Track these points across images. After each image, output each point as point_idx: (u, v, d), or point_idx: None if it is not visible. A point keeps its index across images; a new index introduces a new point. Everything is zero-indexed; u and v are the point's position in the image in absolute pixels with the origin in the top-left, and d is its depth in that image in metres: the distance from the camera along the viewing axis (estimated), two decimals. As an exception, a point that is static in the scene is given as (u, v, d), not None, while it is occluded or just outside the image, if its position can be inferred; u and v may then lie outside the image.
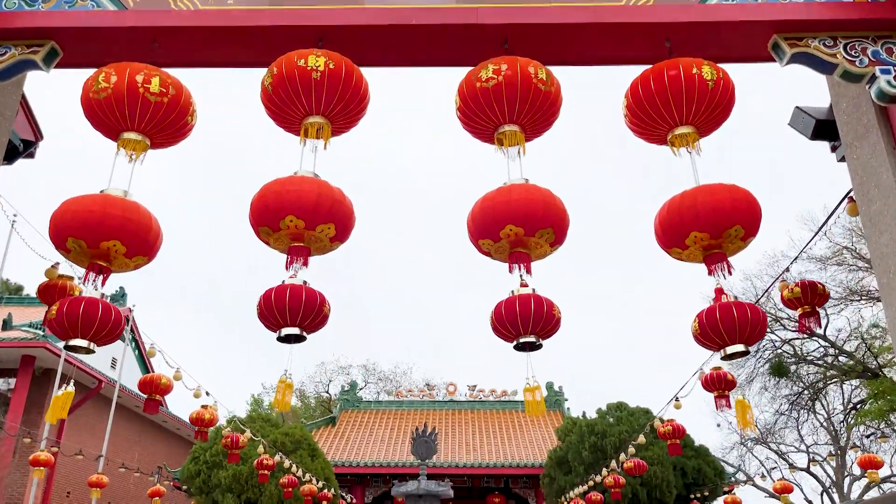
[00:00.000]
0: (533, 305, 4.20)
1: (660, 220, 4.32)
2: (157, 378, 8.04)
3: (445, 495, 6.69)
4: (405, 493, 6.66)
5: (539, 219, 4.21)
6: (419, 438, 6.93)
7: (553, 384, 28.45)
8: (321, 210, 4.29)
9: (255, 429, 18.93)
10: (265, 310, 4.30)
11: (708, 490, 17.90)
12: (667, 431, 9.93)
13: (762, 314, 4.23)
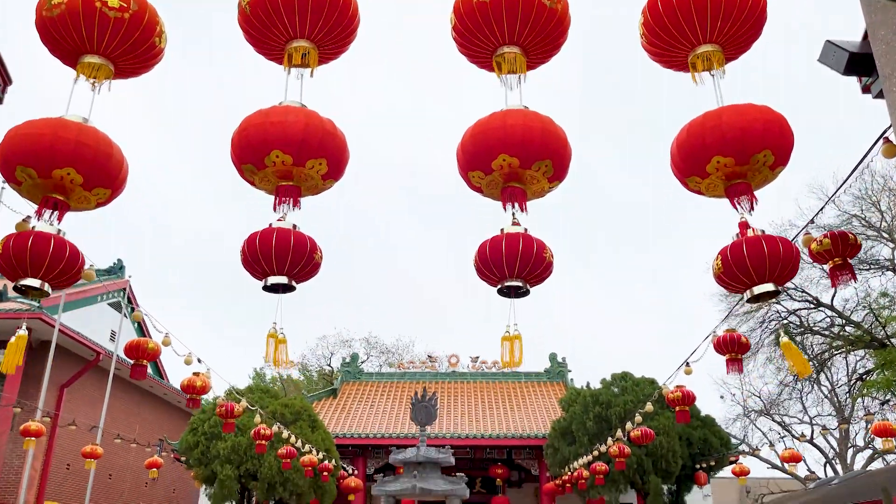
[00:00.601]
0: (521, 245, 3.72)
1: (678, 144, 3.81)
2: (144, 343, 7.67)
3: (446, 462, 6.35)
4: (404, 460, 6.32)
5: (536, 149, 3.71)
6: (418, 404, 6.57)
7: (556, 355, 28.17)
8: (310, 143, 3.82)
9: (255, 400, 18.66)
10: (249, 256, 3.84)
11: (714, 460, 17.63)
12: (676, 398, 9.56)
13: (795, 249, 3.76)
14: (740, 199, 3.79)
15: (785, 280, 3.83)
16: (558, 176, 3.86)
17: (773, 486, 36.84)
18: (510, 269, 3.72)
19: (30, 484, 22.31)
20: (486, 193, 3.98)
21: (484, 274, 3.86)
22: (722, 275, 3.80)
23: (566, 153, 3.83)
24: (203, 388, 9.32)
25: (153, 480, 30.67)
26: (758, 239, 3.72)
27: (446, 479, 6.46)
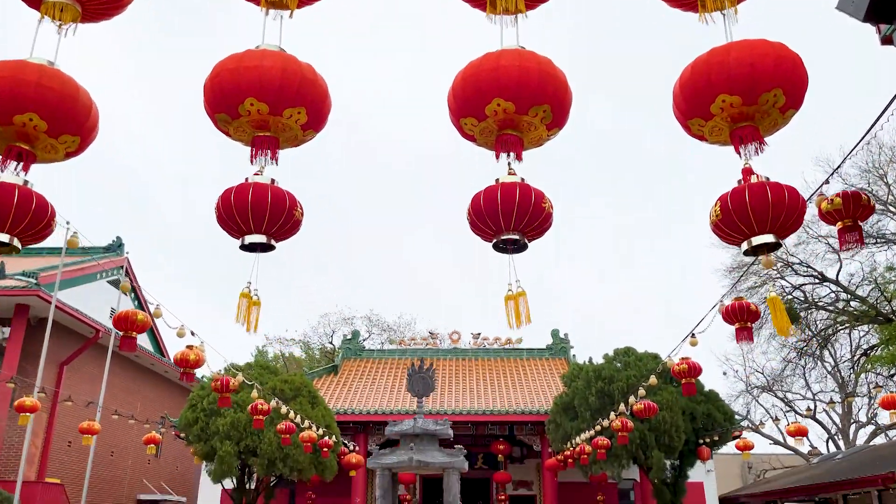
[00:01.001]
0: (518, 195, 3.43)
1: (681, 83, 3.50)
2: (133, 314, 7.43)
3: (444, 435, 6.13)
4: (400, 432, 6.10)
5: (533, 92, 3.41)
6: (415, 375, 6.34)
7: (558, 331, 27.98)
8: (288, 91, 3.53)
9: (254, 376, 18.51)
10: (224, 213, 3.57)
11: (717, 435, 17.47)
12: (682, 370, 9.32)
13: (802, 199, 3.47)
14: (746, 144, 3.50)
15: (787, 232, 3.55)
16: (557, 122, 3.58)
17: (774, 461, 36.88)
18: (506, 222, 3.45)
19: (30, 461, 22.30)
20: (480, 142, 3.70)
21: (478, 228, 3.59)
22: (720, 223, 3.52)
23: (566, 98, 3.54)
24: (197, 361, 9.11)
25: (155, 457, 30.75)
26: (762, 185, 3.44)
27: (444, 451, 6.26)
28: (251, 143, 3.65)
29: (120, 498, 28.07)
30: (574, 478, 24.31)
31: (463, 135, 3.71)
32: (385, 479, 6.17)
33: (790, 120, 3.55)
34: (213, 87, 3.56)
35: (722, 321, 7.98)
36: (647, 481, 19.44)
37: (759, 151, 3.51)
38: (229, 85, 3.52)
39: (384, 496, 6.06)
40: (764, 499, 22.80)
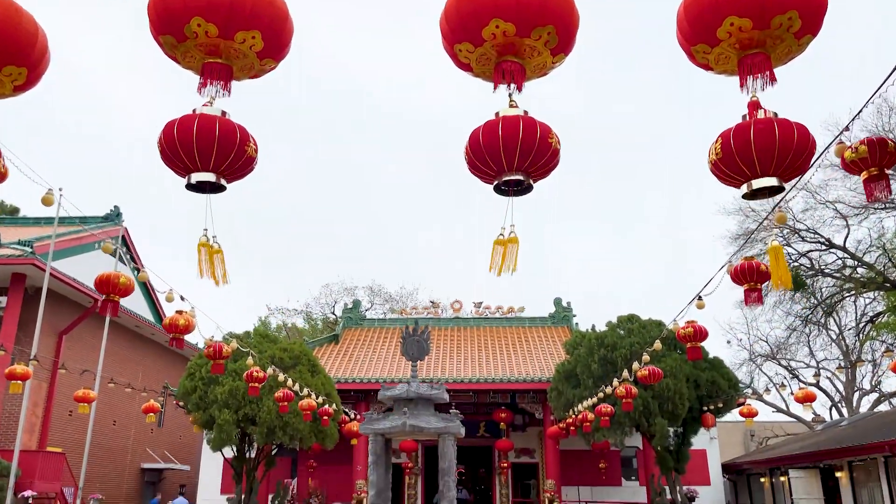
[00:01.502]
0: (521, 130, 3.03)
1: (685, 5, 3.07)
2: (115, 276, 7.11)
3: (439, 399, 5.85)
4: (394, 396, 5.83)
5: (536, 11, 2.98)
6: (410, 338, 6.05)
7: (561, 300, 27.72)
8: (240, 11, 3.09)
9: (252, 344, 18.30)
10: (168, 148, 3.16)
11: (721, 402, 17.26)
12: (687, 334, 8.99)
13: (812, 140, 3.08)
14: (754, 75, 3.11)
15: (792, 175, 3.17)
16: (563, 47, 3.19)
17: (777, 429, 36.88)
18: (509, 160, 3.07)
19: (31, 430, 22.27)
20: (477, 72, 3.31)
21: (478, 168, 3.20)
22: (719, 162, 3.14)
23: (573, 18, 3.14)
24: (187, 326, 8.83)
25: (158, 427, 30.78)
26: (769, 122, 3.04)
27: (440, 416, 5.98)
28: (200, 70, 3.25)
29: (123, 467, 28.17)
30: (576, 445, 24.24)
31: (458, 63, 3.32)
32: (378, 444, 5.91)
33: (806, 47, 3.15)
34: (157, 5, 3.16)
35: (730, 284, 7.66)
36: (650, 448, 19.30)
37: (769, 84, 3.12)
38: (174, 2, 3.12)
39: (377, 462, 5.80)
40: (768, 465, 22.73)
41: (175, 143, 3.10)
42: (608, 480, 24.91)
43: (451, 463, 5.84)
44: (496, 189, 3.22)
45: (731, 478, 27.04)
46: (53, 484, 21.21)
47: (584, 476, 24.70)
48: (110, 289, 7.18)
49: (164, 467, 30.27)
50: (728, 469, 26.65)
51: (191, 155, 3.10)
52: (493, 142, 3.08)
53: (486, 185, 3.24)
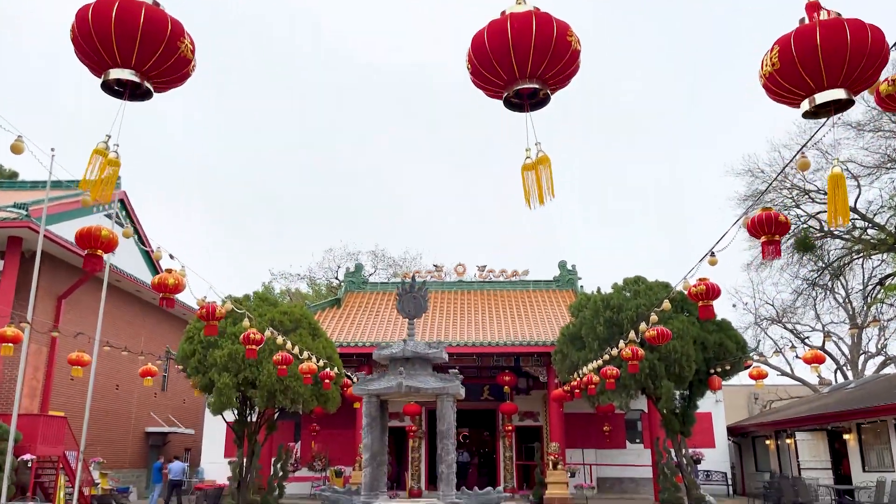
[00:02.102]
0: (535, 28, 2.49)
1: None
2: (96, 230, 6.71)
3: (437, 358, 5.51)
4: (389, 355, 5.49)
5: None
6: (405, 295, 5.68)
7: (566, 263, 27.34)
8: None
9: (252, 307, 18.02)
10: (81, 38, 2.61)
11: (729, 364, 16.96)
12: (699, 291, 8.57)
13: (886, 45, 2.60)
14: None
15: (861, 86, 2.67)
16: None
17: (781, 392, 36.82)
18: (521, 65, 2.55)
19: (32, 394, 22.19)
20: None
21: (483, 78, 2.66)
22: (775, 75, 2.62)
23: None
24: (176, 286, 8.48)
25: (162, 391, 30.79)
26: (838, 22, 2.54)
27: (438, 376, 5.63)
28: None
29: (127, 431, 28.21)
30: (580, 408, 24.11)
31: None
32: (372, 406, 5.57)
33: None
34: None
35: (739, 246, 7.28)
36: (656, 411, 19.09)
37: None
38: None
39: (371, 424, 5.48)
40: (774, 428, 22.57)
41: (90, 32, 2.56)
42: (612, 443, 24.84)
43: (450, 425, 5.50)
44: (507, 103, 2.71)
45: (735, 440, 26.96)
46: (56, 448, 21.17)
47: (589, 439, 24.63)
48: (92, 243, 6.81)
49: (168, 431, 30.32)
50: (733, 432, 26.54)
51: (108, 47, 2.57)
52: (502, 44, 2.54)
53: (495, 100, 2.74)
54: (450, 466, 5.45)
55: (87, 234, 6.70)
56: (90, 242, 6.77)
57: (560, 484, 20.05)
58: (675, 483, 16.77)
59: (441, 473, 5.48)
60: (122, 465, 27.75)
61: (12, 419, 16.12)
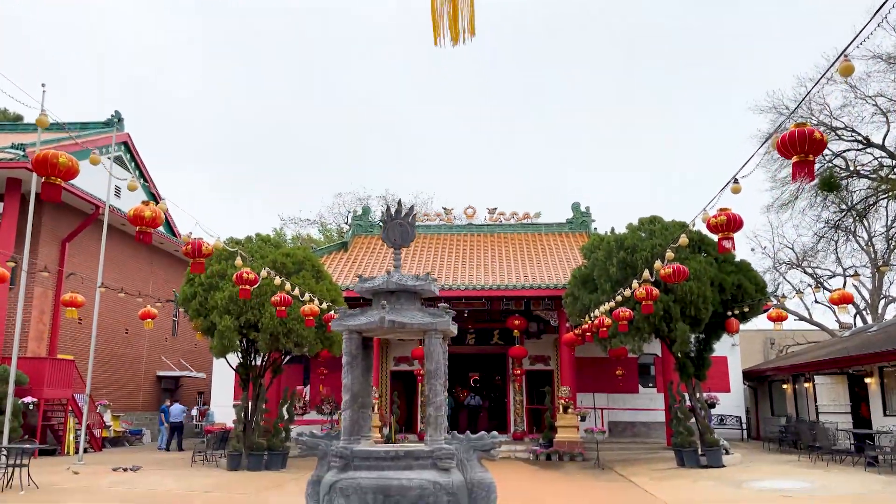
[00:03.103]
0: None
1: None
2: (53, 157, 6.02)
3: (426, 291, 4.91)
4: (372, 288, 4.89)
5: None
6: (391, 221, 5.03)
7: (579, 204, 26.51)
8: None
9: (254, 249, 17.52)
10: None
11: (747, 306, 16.29)
12: (720, 223, 7.83)
13: None
14: None
15: None
16: None
17: (798, 337, 36.26)
18: None
19: (39, 338, 22.06)
20: None
21: None
22: None
23: None
24: (154, 219, 7.88)
25: (173, 335, 30.74)
26: None
27: (426, 311, 5.04)
28: None
29: (138, 375, 28.25)
30: (592, 353, 23.66)
31: None
32: (353, 343, 5.00)
33: None
34: None
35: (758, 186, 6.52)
36: (670, 355, 18.58)
37: None
38: None
39: (352, 364, 4.92)
40: (792, 372, 22.03)
41: None
42: (624, 387, 24.47)
43: (439, 365, 4.92)
44: None
45: (751, 385, 26.51)
46: (64, 391, 21.14)
47: (600, 383, 24.26)
48: (49, 171, 6.20)
49: (179, 375, 30.39)
50: (749, 376, 26.08)
51: None
52: None
53: None
54: (438, 409, 4.89)
55: (43, 161, 6.09)
56: (46, 170, 6.17)
57: (570, 428, 19.74)
58: (688, 427, 16.34)
59: (428, 417, 4.93)
60: (135, 408, 27.89)
61: (12, 361, 15.91)
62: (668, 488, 13.23)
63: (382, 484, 4.73)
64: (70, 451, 20.04)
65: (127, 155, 28.85)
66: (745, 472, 15.07)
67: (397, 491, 4.70)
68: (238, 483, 13.82)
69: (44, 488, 12.51)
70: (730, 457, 16.49)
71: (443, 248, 25.14)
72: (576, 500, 12.22)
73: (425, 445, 5.04)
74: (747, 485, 13.15)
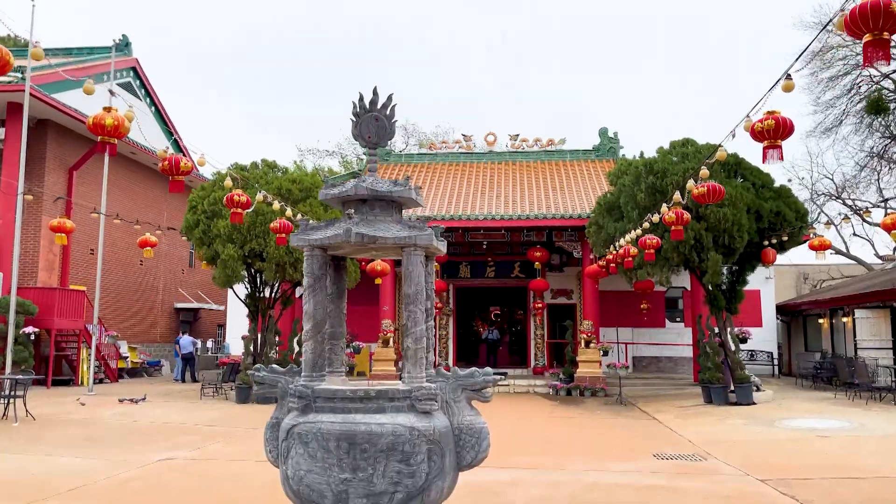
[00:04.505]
0: None
1: None
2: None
3: (406, 200, 3.95)
4: (338, 195, 3.93)
5: None
6: (365, 114, 4.03)
7: (607, 130, 25.04)
8: None
9: (259, 175, 16.64)
10: None
11: (786, 235, 15.08)
12: (767, 127, 6.62)
13: None
14: None
15: None
16: None
17: (833, 272, 34.82)
18: None
19: (50, 268, 21.68)
20: None
21: None
22: None
23: None
24: (116, 127, 6.95)
25: (189, 267, 30.34)
26: None
27: (405, 224, 4.09)
28: None
29: (154, 306, 28.02)
30: (617, 286, 22.70)
31: None
32: (315, 262, 4.08)
33: None
34: None
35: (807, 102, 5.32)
36: (699, 288, 17.54)
37: None
38: None
39: (314, 286, 4.00)
40: (829, 306, 20.89)
41: None
42: (650, 322, 23.58)
43: (420, 287, 3.98)
44: None
45: (784, 319, 25.41)
46: (76, 321, 20.86)
47: (625, 318, 23.39)
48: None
49: (197, 307, 30.17)
50: (782, 310, 24.97)
51: None
52: None
53: None
54: (418, 341, 3.99)
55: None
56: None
57: (592, 363, 18.97)
58: (717, 363, 15.42)
59: (406, 350, 4.04)
60: (154, 340, 27.78)
61: (11, 290, 15.44)
62: (695, 426, 12.43)
63: (347, 430, 3.88)
64: (84, 382, 19.87)
65: (137, 81, 27.85)
66: (778, 409, 14.20)
67: (365, 438, 3.85)
68: (242, 416, 13.33)
69: (42, 420, 12.11)
70: (761, 393, 15.61)
71: (462, 177, 24.04)
72: (594, 438, 11.49)
73: (402, 384, 4.15)
74: (780, 423, 12.29)
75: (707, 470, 8.42)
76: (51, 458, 8.74)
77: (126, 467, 8.11)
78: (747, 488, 7.37)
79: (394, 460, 3.86)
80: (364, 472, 3.83)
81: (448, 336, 23.90)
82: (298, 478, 3.98)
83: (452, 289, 24.04)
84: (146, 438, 10.48)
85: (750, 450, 9.85)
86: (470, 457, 4.23)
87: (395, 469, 3.86)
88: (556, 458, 9.25)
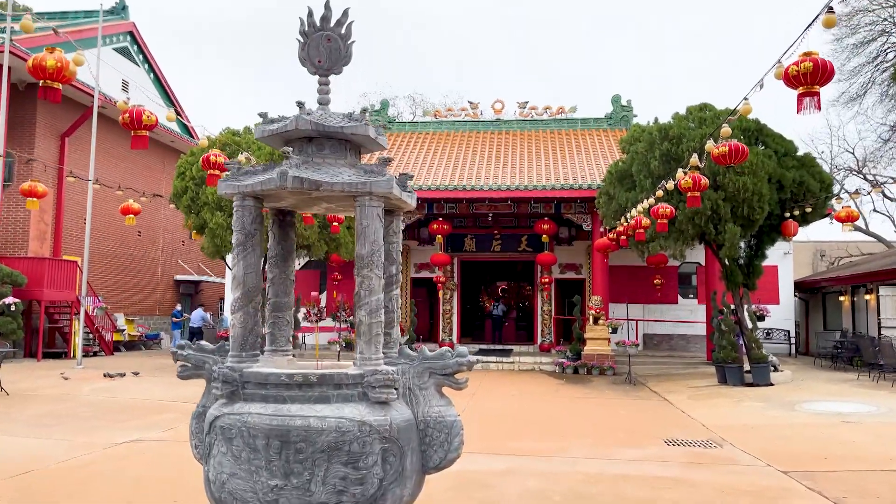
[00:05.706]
0: None
1: None
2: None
3: (362, 138, 3.16)
4: (279, 132, 3.11)
5: None
6: (314, 33, 3.23)
7: (620, 97, 23.94)
8: None
9: (251, 140, 15.83)
10: None
11: (810, 206, 14.10)
12: (804, 70, 5.68)
13: None
14: None
15: None
16: None
17: (852, 249, 33.71)
18: None
19: (41, 238, 21.02)
20: None
21: None
22: None
23: None
24: (59, 70, 6.13)
25: (190, 238, 29.65)
26: None
27: (360, 168, 3.26)
28: None
29: (153, 278, 27.40)
30: (627, 261, 21.83)
31: None
32: (246, 215, 3.28)
33: None
34: None
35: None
36: (714, 263, 16.63)
37: None
38: None
39: (244, 244, 3.21)
40: (851, 282, 19.91)
41: None
42: (663, 298, 22.69)
43: (375, 247, 3.13)
44: None
45: (802, 297, 24.43)
46: (67, 293, 20.24)
47: (636, 294, 22.51)
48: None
49: (198, 280, 29.55)
50: (800, 287, 23.98)
51: None
52: None
53: None
54: (372, 313, 3.15)
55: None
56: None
57: (600, 340, 18.15)
58: (732, 341, 14.56)
59: (359, 325, 3.22)
60: (152, 312, 27.21)
61: None
62: (708, 408, 11.63)
63: (280, 424, 3.08)
64: (76, 355, 19.31)
65: (134, 46, 26.95)
66: (797, 391, 13.36)
67: (301, 434, 3.05)
68: (229, 393, 12.63)
69: (15, 395, 11.48)
70: (778, 374, 14.76)
71: (468, 145, 23.09)
72: (600, 420, 10.70)
73: (353, 367, 3.33)
74: (801, 406, 11.46)
75: (722, 459, 7.63)
76: (7, 438, 8.07)
77: (86, 449, 7.42)
78: (768, 481, 6.58)
79: (337, 463, 3.06)
80: (299, 478, 3.04)
81: (452, 311, 23.14)
82: (220, 482, 3.20)
83: (457, 262, 23.23)
84: (119, 417, 9.81)
85: (769, 436, 9.05)
86: (438, 457, 3.44)
87: (340, 474, 3.07)
88: (558, 442, 8.48)
